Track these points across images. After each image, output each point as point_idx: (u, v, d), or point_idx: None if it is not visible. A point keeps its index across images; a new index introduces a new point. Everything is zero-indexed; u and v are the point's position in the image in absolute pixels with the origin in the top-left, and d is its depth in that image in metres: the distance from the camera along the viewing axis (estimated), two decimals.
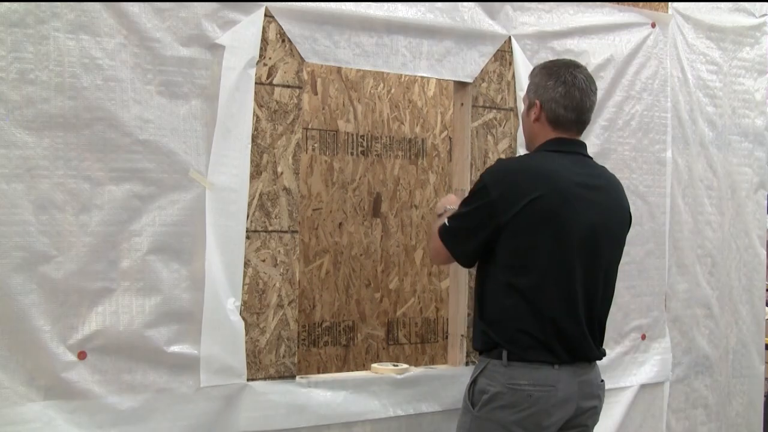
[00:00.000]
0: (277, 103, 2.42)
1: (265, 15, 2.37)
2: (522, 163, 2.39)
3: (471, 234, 2.31)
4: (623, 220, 2.45)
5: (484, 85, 2.78)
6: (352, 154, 3.57)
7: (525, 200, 2.22)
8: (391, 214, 3.67)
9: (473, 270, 2.50)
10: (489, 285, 2.31)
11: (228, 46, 2.31)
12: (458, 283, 2.77)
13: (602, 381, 2.41)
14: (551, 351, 2.24)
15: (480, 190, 2.30)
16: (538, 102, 2.34)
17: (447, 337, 2.87)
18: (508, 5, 2.81)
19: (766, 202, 3.57)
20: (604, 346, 3.01)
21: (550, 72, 2.34)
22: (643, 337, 3.15)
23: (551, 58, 2.88)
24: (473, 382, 2.31)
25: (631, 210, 3.07)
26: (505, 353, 2.24)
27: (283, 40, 2.41)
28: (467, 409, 2.31)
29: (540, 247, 2.23)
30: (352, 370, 3.45)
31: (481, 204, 2.28)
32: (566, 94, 2.30)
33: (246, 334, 2.36)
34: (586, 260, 2.27)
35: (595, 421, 2.41)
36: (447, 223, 2.37)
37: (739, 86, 3.42)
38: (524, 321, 2.24)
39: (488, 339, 2.30)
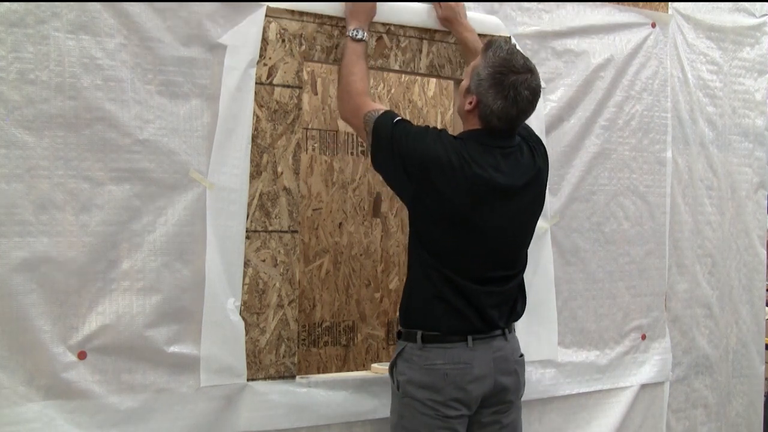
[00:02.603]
0: (277, 103, 2.42)
1: (266, 15, 2.37)
2: (455, 158, 2.24)
3: (386, 169, 2.34)
4: (538, 209, 2.45)
5: None
6: (352, 154, 3.58)
7: (443, 198, 2.23)
8: (391, 214, 3.67)
9: None
10: (413, 254, 2.34)
11: (228, 45, 2.31)
12: None
13: (521, 356, 2.43)
14: (465, 318, 2.27)
15: (411, 159, 2.24)
16: (475, 98, 2.27)
17: None
18: (508, 5, 2.81)
19: (766, 202, 3.57)
20: (604, 347, 3.04)
21: (495, 78, 2.23)
22: (643, 337, 3.15)
23: (551, 59, 2.90)
24: (393, 365, 2.35)
25: (631, 210, 3.10)
26: (419, 336, 2.28)
27: (283, 40, 2.41)
28: (394, 392, 2.35)
29: (449, 235, 2.27)
30: (352, 370, 3.45)
31: (409, 171, 2.25)
32: (503, 109, 2.23)
33: (246, 334, 2.36)
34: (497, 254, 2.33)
35: (519, 395, 2.42)
36: (395, 123, 2.29)
37: (739, 86, 3.41)
38: (438, 288, 2.27)
39: (408, 311, 2.33)
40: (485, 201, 2.26)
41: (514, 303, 2.42)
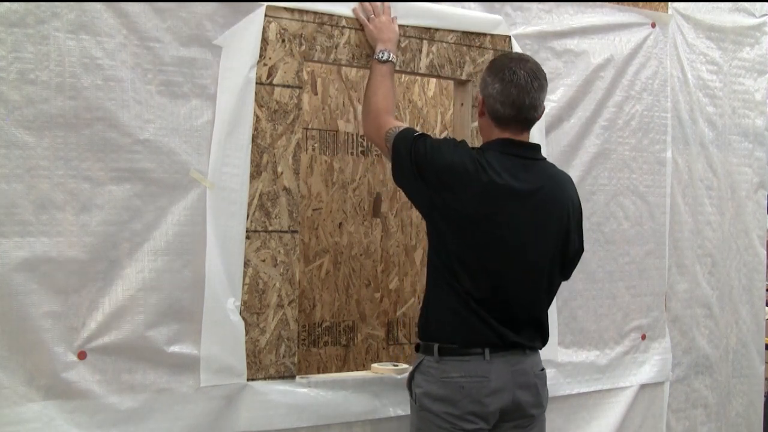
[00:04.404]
0: (277, 103, 2.42)
1: (265, 15, 2.37)
2: (470, 165, 2.25)
3: (407, 183, 2.35)
4: (561, 225, 2.37)
5: None
6: (352, 154, 3.58)
7: (458, 204, 2.24)
8: (391, 214, 3.67)
9: None
10: (430, 267, 2.34)
11: (228, 46, 2.31)
12: None
13: (542, 370, 2.39)
14: (480, 332, 2.26)
15: (430, 164, 2.26)
16: (481, 97, 2.35)
17: None
18: (508, 5, 2.81)
19: (766, 202, 3.57)
20: (604, 347, 3.04)
21: (492, 67, 2.33)
22: (643, 337, 3.15)
23: (551, 59, 2.90)
24: (411, 378, 2.35)
25: (631, 210, 3.10)
26: (436, 348, 2.27)
27: (283, 40, 2.41)
28: (411, 405, 2.35)
29: (463, 244, 2.26)
30: (352, 370, 3.45)
31: (426, 181, 2.27)
32: (502, 90, 2.26)
33: (246, 334, 2.36)
34: (514, 265, 2.29)
35: (543, 410, 2.38)
36: (414, 137, 2.31)
37: (739, 86, 3.42)
38: (453, 301, 2.26)
39: (425, 324, 2.33)
40: (499, 207, 2.24)
41: (537, 327, 2.36)
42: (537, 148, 2.38)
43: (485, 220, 2.24)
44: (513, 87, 2.26)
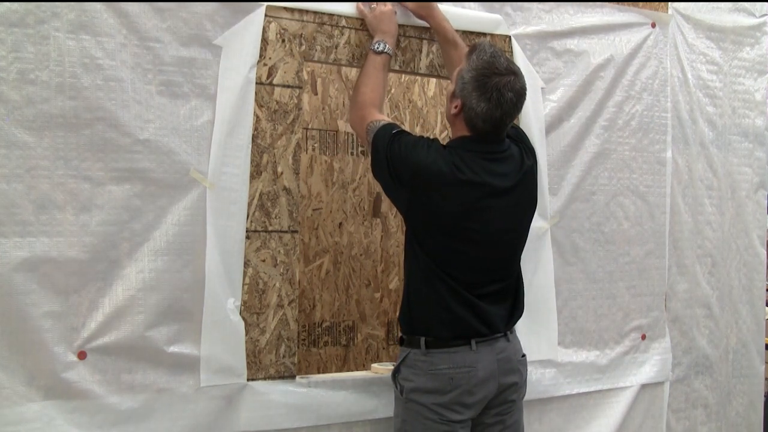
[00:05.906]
0: (277, 103, 2.42)
1: (265, 15, 2.37)
2: (445, 166, 2.26)
3: (383, 180, 2.36)
4: (531, 208, 2.47)
5: None
6: (352, 154, 3.58)
7: (436, 206, 2.26)
8: (391, 214, 3.67)
9: None
10: (411, 262, 2.36)
11: (227, 46, 2.31)
12: None
13: (524, 356, 2.45)
14: (466, 322, 2.29)
15: (400, 168, 2.27)
16: (460, 101, 2.30)
17: None
18: (508, 5, 2.81)
19: (766, 202, 3.57)
20: (604, 347, 3.04)
21: (478, 81, 2.24)
22: (643, 337, 3.15)
23: (551, 59, 2.90)
24: (396, 371, 2.37)
25: (631, 210, 3.10)
26: (423, 341, 2.30)
27: (283, 40, 2.42)
28: (397, 397, 2.37)
29: (444, 242, 2.28)
30: (352, 370, 3.45)
31: (402, 181, 2.28)
32: (487, 111, 2.24)
33: (246, 334, 2.36)
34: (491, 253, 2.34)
35: (521, 395, 2.44)
36: (392, 134, 2.31)
37: (739, 86, 3.41)
38: (438, 293, 2.28)
39: (409, 318, 2.34)
40: (477, 205, 2.27)
41: (513, 305, 2.43)
42: (500, 138, 2.36)
43: (466, 217, 2.27)
44: (498, 110, 2.25)
